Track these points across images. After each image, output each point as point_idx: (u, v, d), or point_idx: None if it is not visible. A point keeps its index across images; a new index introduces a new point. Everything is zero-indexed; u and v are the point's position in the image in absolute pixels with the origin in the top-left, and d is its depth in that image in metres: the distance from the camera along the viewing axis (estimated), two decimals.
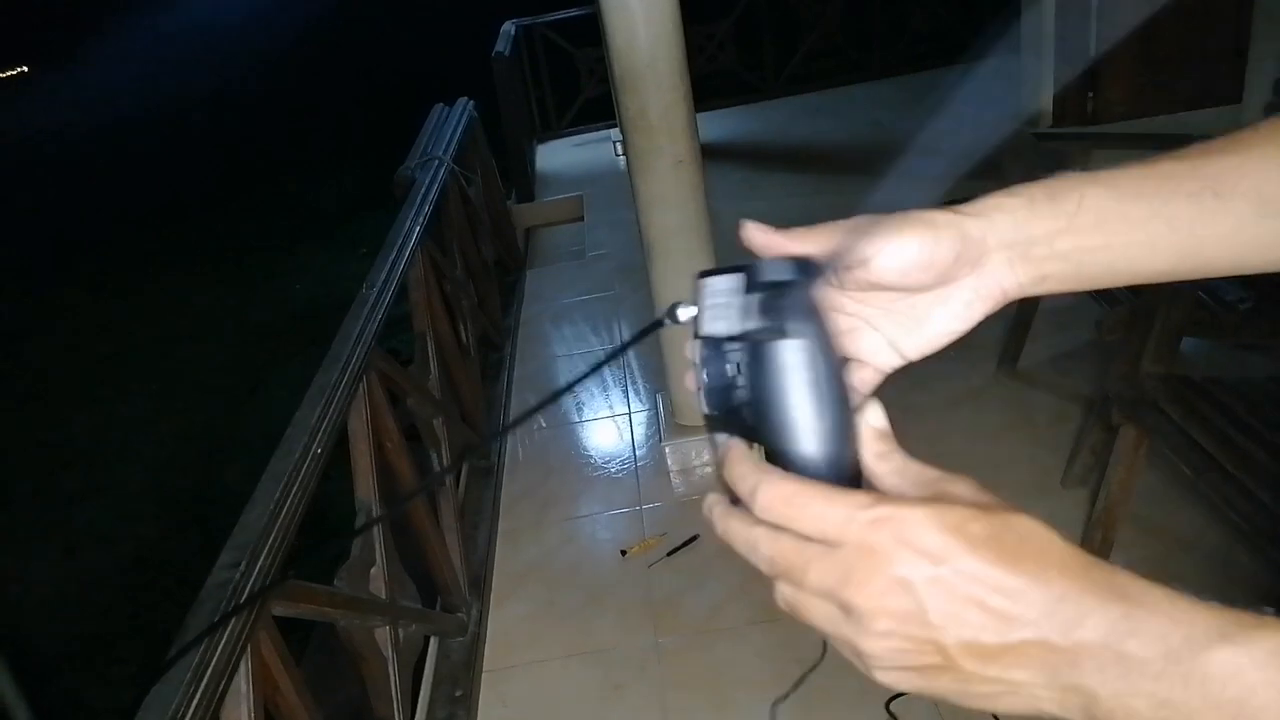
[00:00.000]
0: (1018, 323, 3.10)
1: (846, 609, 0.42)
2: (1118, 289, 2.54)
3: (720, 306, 0.51)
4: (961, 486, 0.44)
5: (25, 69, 15.46)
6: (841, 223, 0.55)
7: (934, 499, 0.43)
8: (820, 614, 0.44)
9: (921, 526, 0.41)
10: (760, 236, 0.54)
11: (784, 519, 0.44)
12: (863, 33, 6.92)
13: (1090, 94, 4.04)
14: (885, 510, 0.42)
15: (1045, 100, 4.16)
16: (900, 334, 0.56)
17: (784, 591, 0.45)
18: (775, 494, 0.45)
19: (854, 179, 5.13)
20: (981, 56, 6.47)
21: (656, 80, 2.62)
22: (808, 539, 0.44)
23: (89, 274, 7.71)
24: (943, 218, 0.52)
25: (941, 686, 0.42)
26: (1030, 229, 0.52)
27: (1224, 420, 2.04)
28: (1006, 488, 2.07)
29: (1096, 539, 2.32)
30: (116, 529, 4.43)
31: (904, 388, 3.45)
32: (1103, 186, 0.53)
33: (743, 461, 0.48)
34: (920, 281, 0.52)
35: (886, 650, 0.42)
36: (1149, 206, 0.52)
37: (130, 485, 4.77)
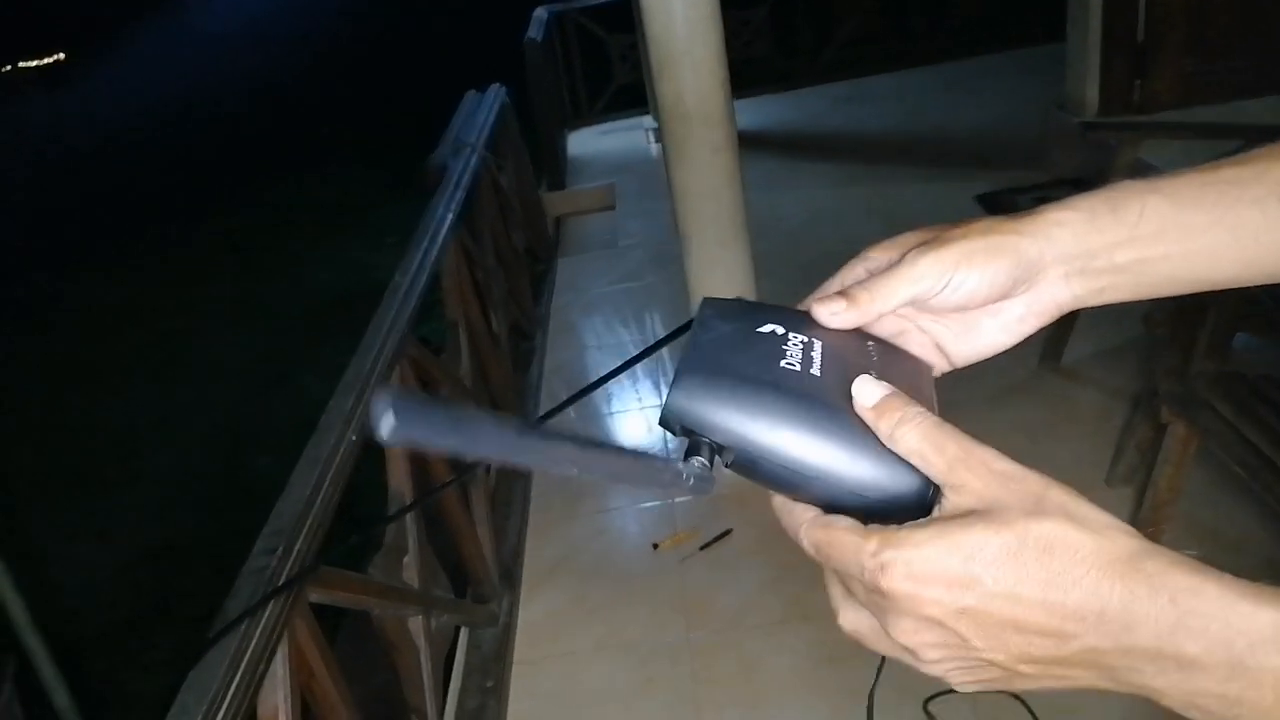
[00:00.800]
0: (1062, 317, 3.02)
1: (897, 645, 0.43)
2: None
3: (706, 350, 0.49)
4: (980, 474, 0.42)
5: (62, 56, 15.66)
6: (902, 241, 0.53)
7: (948, 513, 0.42)
8: (881, 646, 0.45)
9: (931, 563, 0.40)
10: (837, 321, 0.52)
11: (825, 561, 0.45)
12: (901, 19, 6.81)
13: (1138, 81, 3.93)
14: (889, 555, 0.41)
15: (1091, 88, 4.05)
16: (949, 341, 0.55)
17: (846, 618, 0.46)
18: (810, 540, 0.45)
19: (891, 169, 5.06)
20: (1024, 43, 6.36)
21: (694, 66, 2.58)
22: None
23: (121, 262, 7.79)
24: (1002, 241, 0.50)
25: (1015, 685, 0.42)
26: (1089, 242, 0.51)
27: (1278, 419, 1.98)
28: None
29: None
30: (149, 516, 4.47)
31: (942, 384, 3.40)
32: (1164, 195, 0.51)
33: (779, 498, 0.48)
34: (978, 305, 0.52)
35: (947, 670, 0.43)
36: (1211, 214, 0.51)
37: (162, 473, 4.82)
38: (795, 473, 0.45)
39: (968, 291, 0.50)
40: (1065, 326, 3.02)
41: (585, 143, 6.71)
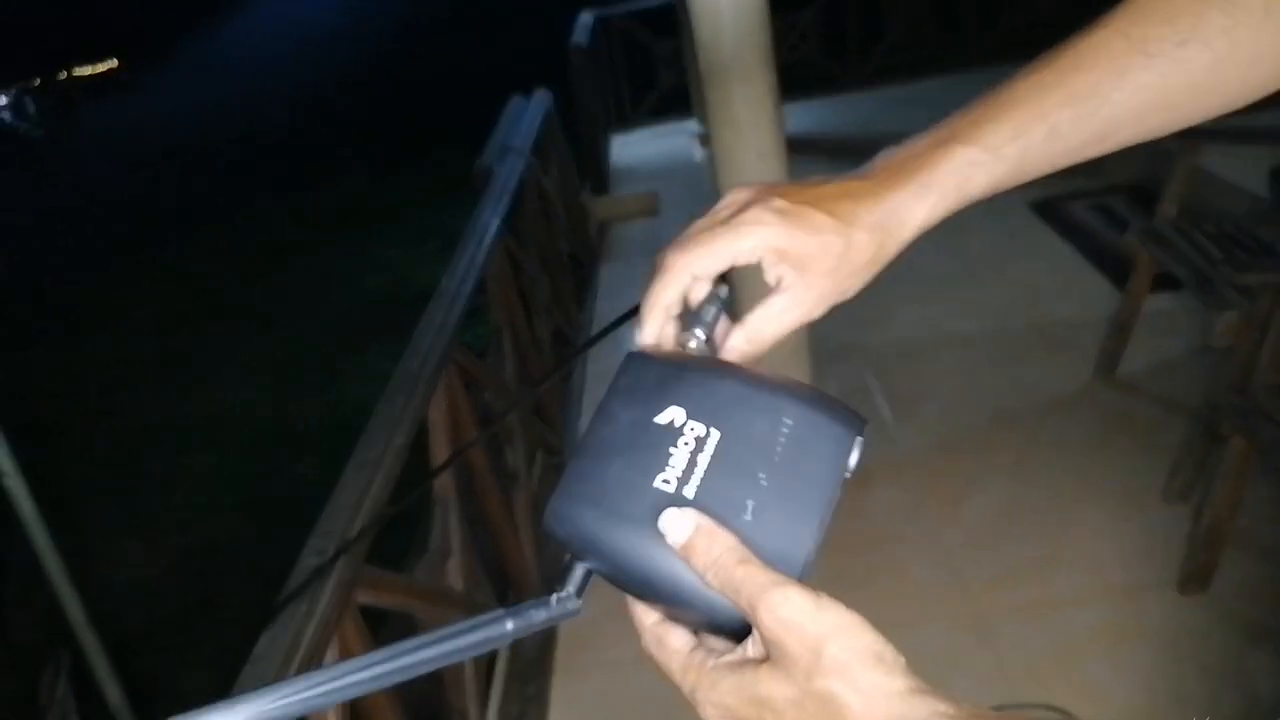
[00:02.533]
0: (1117, 327, 2.95)
1: None
2: (1228, 292, 2.40)
3: (590, 458, 0.50)
4: (767, 621, 0.43)
5: (115, 63, 16.03)
6: (755, 189, 0.56)
7: (749, 655, 0.45)
8: None
9: (732, 710, 0.44)
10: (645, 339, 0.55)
11: (657, 660, 0.49)
12: (953, 22, 6.72)
13: None
14: (700, 695, 0.46)
15: None
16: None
17: None
18: (646, 640, 0.49)
19: None
20: None
21: (742, 72, 2.56)
22: None
23: (168, 264, 7.94)
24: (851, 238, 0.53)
25: None
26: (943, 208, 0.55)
27: None
28: (1101, 501, 1.95)
29: (1200, 558, 2.20)
30: (194, 515, 4.54)
31: (994, 395, 3.33)
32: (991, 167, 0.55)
33: (635, 609, 0.50)
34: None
35: None
36: (1054, 146, 0.54)
37: (206, 473, 4.89)
38: (649, 598, 0.48)
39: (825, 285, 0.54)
40: (1121, 336, 2.95)
41: (629, 148, 6.71)
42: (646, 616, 0.49)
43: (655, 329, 0.54)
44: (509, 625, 0.46)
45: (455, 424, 2.18)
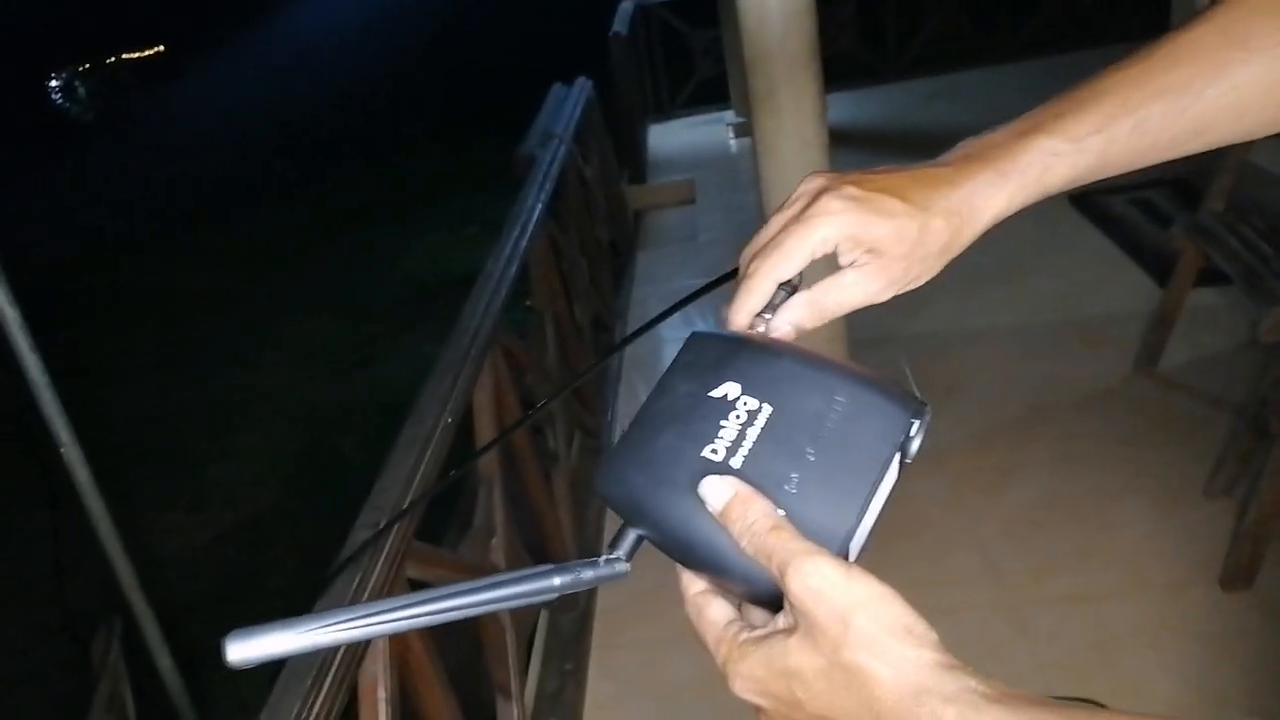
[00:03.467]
0: (1159, 321, 2.93)
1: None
2: (1277, 287, 2.37)
3: (644, 428, 0.52)
4: (797, 589, 0.43)
5: (161, 48, 16.28)
6: (830, 176, 0.57)
7: (779, 626, 0.45)
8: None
9: (763, 682, 0.45)
10: (740, 319, 0.58)
11: (695, 626, 0.50)
12: (990, 14, 6.65)
13: None
14: (730, 667, 0.46)
15: None
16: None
17: None
18: (689, 607, 0.50)
19: None
20: (1116, 39, 6.15)
21: (787, 60, 2.57)
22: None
23: (211, 248, 8.08)
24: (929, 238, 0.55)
25: None
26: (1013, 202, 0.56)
27: None
28: (1140, 496, 1.95)
29: (1244, 554, 2.19)
30: (239, 491, 4.64)
31: (1032, 387, 3.32)
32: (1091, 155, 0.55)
33: (681, 577, 0.51)
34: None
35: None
36: (1141, 141, 0.54)
37: (250, 450, 4.99)
38: (693, 565, 0.49)
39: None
40: (1163, 330, 2.93)
41: (665, 137, 6.72)
42: (691, 585, 0.50)
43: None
44: (555, 580, 0.47)
45: (500, 406, 2.22)
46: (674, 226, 5.33)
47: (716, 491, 0.46)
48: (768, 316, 0.56)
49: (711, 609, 0.48)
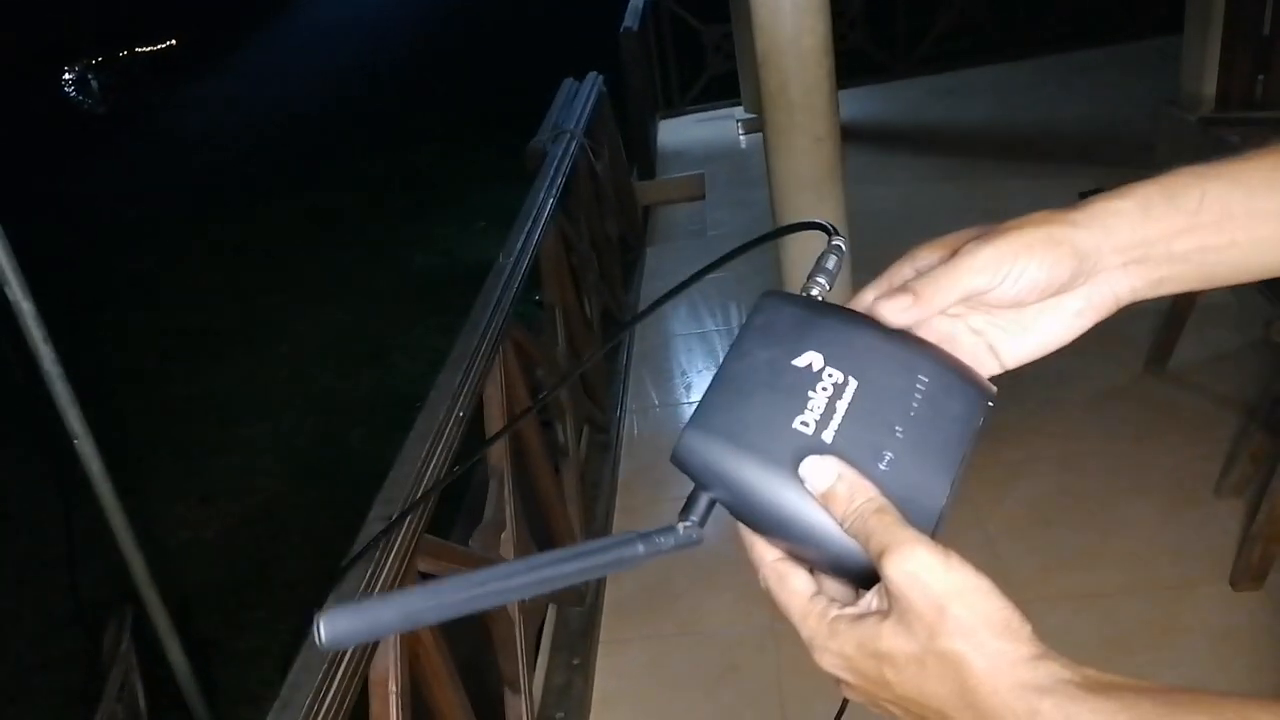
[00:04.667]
0: (1170, 319, 2.92)
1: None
2: None
3: (727, 391, 0.51)
4: (895, 572, 0.43)
5: (174, 41, 16.31)
6: (950, 240, 0.53)
7: (873, 607, 0.45)
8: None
9: (853, 660, 0.45)
10: (903, 318, 0.51)
11: (773, 597, 0.50)
12: (1002, 10, 6.63)
13: (1261, 76, 3.75)
14: (820, 640, 0.46)
15: (1208, 83, 3.88)
16: (1002, 340, 0.54)
17: None
18: (765, 578, 0.50)
19: (991, 164, 4.94)
20: (1128, 37, 6.12)
21: (799, 56, 2.57)
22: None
23: (223, 240, 8.10)
24: (1058, 232, 0.49)
25: None
26: (1146, 232, 0.49)
27: None
28: (1151, 494, 1.94)
29: (1255, 554, 2.18)
30: (248, 482, 4.65)
31: (1041, 384, 3.31)
32: (1228, 180, 0.50)
33: (755, 544, 0.51)
34: (1035, 299, 0.51)
35: (898, 716, 0.47)
36: None
37: (260, 441, 5.01)
38: (777, 536, 0.49)
39: (1027, 283, 0.49)
40: (1174, 329, 2.92)
41: (675, 132, 6.72)
42: (767, 552, 0.50)
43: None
44: (640, 548, 0.47)
45: (510, 399, 2.23)
46: (683, 222, 5.34)
47: (820, 472, 0.46)
48: (821, 281, 0.55)
49: (794, 579, 0.49)
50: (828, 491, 0.46)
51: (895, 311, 0.50)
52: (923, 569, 0.42)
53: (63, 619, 3.54)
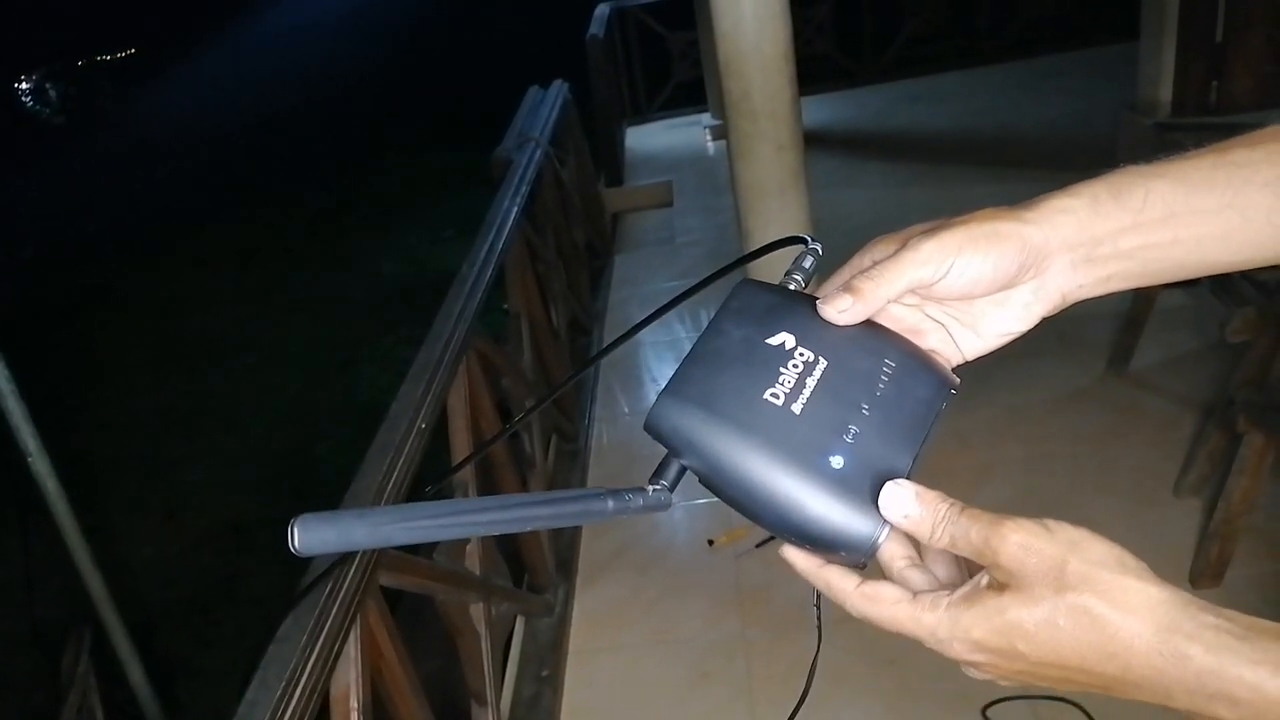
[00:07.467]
0: (1130, 322, 2.96)
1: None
2: (1244, 288, 2.40)
3: (700, 364, 0.52)
4: (1005, 551, 0.44)
5: (133, 50, 16.11)
6: (906, 233, 0.54)
7: (987, 589, 0.46)
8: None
9: (982, 643, 0.45)
10: (845, 318, 0.52)
11: (875, 623, 0.50)
12: (967, 17, 6.71)
13: (1214, 81, 3.82)
14: (945, 633, 0.46)
15: (1164, 88, 3.95)
16: (959, 331, 0.56)
17: None
18: (857, 610, 0.50)
19: (954, 169, 4.99)
20: (1092, 43, 6.22)
21: (762, 64, 2.58)
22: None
23: (190, 251, 8.01)
24: (1005, 228, 0.51)
25: (1059, 690, 0.47)
26: (1094, 229, 0.51)
27: None
28: (1112, 495, 1.96)
29: (1213, 552, 2.21)
30: (215, 495, 4.59)
31: (1007, 388, 3.32)
32: (1170, 179, 0.51)
33: (804, 561, 0.51)
34: (982, 292, 0.52)
35: (1036, 684, 0.47)
36: (1222, 197, 0.50)
37: (229, 453, 4.95)
38: (747, 506, 0.49)
39: (972, 277, 0.51)
40: (1134, 331, 2.96)
41: (643, 139, 6.73)
42: (846, 583, 0.50)
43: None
44: (609, 504, 0.48)
45: (475, 410, 2.21)
46: (652, 229, 5.34)
47: (899, 500, 0.47)
48: (797, 278, 0.57)
49: (885, 591, 0.49)
50: (911, 522, 0.47)
51: (834, 313, 0.52)
52: (1031, 537, 0.44)
53: (21, 640, 3.47)
